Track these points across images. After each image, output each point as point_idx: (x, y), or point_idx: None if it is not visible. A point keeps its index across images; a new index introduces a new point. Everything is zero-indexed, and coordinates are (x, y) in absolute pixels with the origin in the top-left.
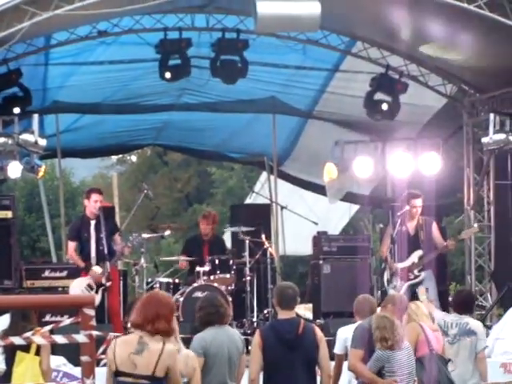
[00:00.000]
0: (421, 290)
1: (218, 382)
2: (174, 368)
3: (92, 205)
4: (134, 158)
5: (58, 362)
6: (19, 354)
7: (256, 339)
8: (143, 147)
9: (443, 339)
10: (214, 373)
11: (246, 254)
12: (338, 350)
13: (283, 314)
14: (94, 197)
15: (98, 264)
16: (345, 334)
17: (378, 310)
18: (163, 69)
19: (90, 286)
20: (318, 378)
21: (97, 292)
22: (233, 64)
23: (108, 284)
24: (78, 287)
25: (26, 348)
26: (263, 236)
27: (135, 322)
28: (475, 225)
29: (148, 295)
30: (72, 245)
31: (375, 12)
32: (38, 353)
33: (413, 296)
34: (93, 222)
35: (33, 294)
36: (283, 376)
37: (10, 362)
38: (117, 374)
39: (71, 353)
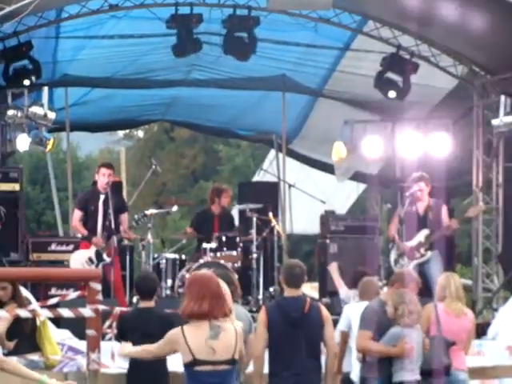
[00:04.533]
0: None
1: None
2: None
3: (101, 179)
4: (140, 134)
5: (63, 335)
6: (45, 320)
7: (261, 316)
8: (152, 122)
9: (470, 320)
10: None
11: (253, 231)
12: (342, 326)
13: (290, 292)
14: (103, 170)
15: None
16: (350, 311)
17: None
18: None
19: (90, 260)
20: (323, 357)
21: (97, 266)
22: (243, 40)
23: (109, 259)
24: (78, 260)
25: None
26: (270, 214)
27: (199, 311)
28: (481, 203)
29: (197, 279)
30: (78, 214)
31: None
32: None
33: (419, 276)
34: (102, 197)
35: (39, 267)
36: (288, 354)
37: None
38: (193, 363)
39: (76, 326)
